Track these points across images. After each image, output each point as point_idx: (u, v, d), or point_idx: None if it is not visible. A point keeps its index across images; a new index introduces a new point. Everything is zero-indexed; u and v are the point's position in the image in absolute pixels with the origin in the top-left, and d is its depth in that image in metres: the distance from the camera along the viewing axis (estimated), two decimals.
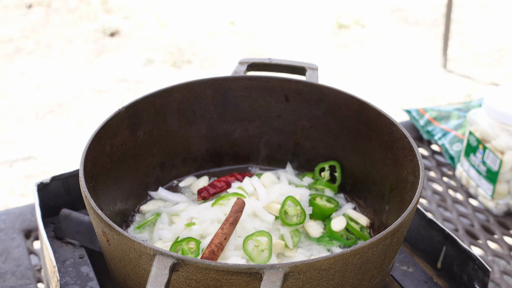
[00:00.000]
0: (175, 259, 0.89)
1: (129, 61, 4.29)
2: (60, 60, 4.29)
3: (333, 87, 1.34)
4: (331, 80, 4.06)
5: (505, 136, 1.68)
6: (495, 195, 1.73)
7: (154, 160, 1.36)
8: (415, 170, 1.14)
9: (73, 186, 1.37)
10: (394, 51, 4.46)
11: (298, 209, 1.26)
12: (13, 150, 3.38)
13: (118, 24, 4.79)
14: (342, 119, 1.35)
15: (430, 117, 2.05)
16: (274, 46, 4.52)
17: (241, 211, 1.17)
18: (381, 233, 0.96)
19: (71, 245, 1.28)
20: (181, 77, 4.11)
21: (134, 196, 1.33)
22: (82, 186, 1.06)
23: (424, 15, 4.96)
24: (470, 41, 4.57)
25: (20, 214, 1.64)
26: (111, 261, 1.05)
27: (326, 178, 1.39)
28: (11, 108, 3.75)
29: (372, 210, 1.31)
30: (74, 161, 3.29)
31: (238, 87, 1.39)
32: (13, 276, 1.46)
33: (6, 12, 4.94)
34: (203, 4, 5.15)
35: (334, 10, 5.04)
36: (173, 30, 4.74)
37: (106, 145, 1.22)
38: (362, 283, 1.00)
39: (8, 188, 3.10)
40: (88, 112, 3.72)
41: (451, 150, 1.93)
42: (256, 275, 0.89)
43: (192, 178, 1.42)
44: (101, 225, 1.00)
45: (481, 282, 1.17)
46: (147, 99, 1.30)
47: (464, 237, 1.67)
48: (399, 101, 3.86)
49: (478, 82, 4.06)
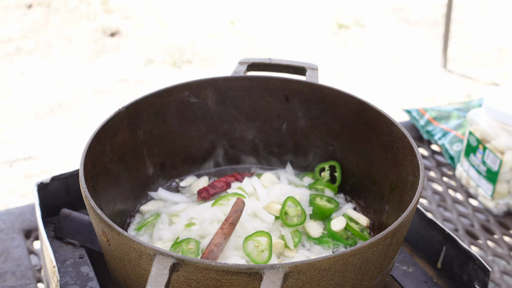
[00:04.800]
0: (175, 259, 0.89)
1: (129, 61, 4.29)
2: (60, 60, 4.29)
3: (333, 87, 1.34)
4: (331, 80, 4.06)
5: (505, 136, 1.68)
6: (495, 195, 1.73)
7: (154, 160, 1.36)
8: (415, 170, 1.14)
9: (73, 186, 1.37)
10: (394, 51, 4.46)
11: (298, 210, 1.26)
12: (13, 150, 3.38)
13: (118, 24, 4.79)
14: (342, 119, 1.35)
15: (430, 117, 2.05)
16: (274, 46, 4.52)
17: (241, 211, 1.17)
18: (381, 233, 0.96)
19: (71, 245, 1.28)
20: (181, 77, 4.11)
21: (134, 196, 1.33)
22: (82, 186, 1.06)
23: (424, 15, 4.96)
24: (470, 41, 4.57)
25: (20, 214, 1.64)
26: (111, 261, 1.05)
27: (326, 178, 1.39)
28: (11, 108, 3.75)
29: (372, 210, 1.31)
30: (74, 161, 3.28)
31: (238, 87, 1.39)
32: (13, 276, 1.46)
33: (6, 12, 4.94)
34: (203, 4, 5.15)
35: (334, 10, 5.04)
36: (173, 30, 4.74)
37: (106, 145, 1.22)
38: (362, 283, 1.00)
39: (8, 188, 3.10)
40: (88, 112, 3.72)
41: (451, 150, 1.93)
42: (256, 275, 0.89)
43: (192, 178, 1.42)
44: (101, 225, 1.00)
45: (481, 282, 1.17)
46: (147, 99, 1.30)
47: (464, 237, 1.67)
48: (399, 101, 3.86)
49: (478, 82, 4.06)
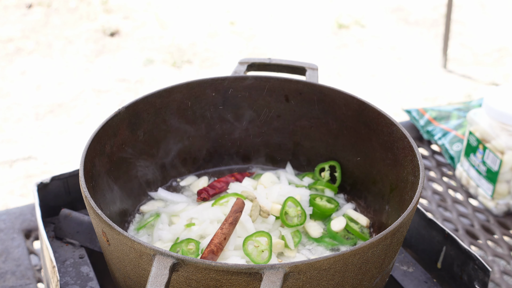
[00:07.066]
0: (175, 259, 0.89)
1: (129, 61, 4.29)
2: (60, 60, 4.29)
3: (333, 87, 1.34)
4: (331, 80, 4.06)
5: (505, 136, 1.68)
6: (495, 195, 1.73)
7: (154, 160, 1.36)
8: (415, 170, 1.14)
9: (73, 186, 1.37)
10: (394, 51, 4.46)
11: (298, 210, 1.26)
12: (13, 150, 3.38)
13: (118, 24, 4.79)
14: (342, 119, 1.34)
15: (430, 117, 2.05)
16: (274, 46, 4.52)
17: (240, 211, 1.17)
18: (381, 233, 0.96)
19: (71, 245, 1.28)
20: (181, 77, 4.11)
21: (134, 196, 1.33)
22: (82, 186, 1.06)
23: (424, 15, 4.96)
24: (470, 41, 4.57)
25: (20, 214, 1.64)
26: (111, 261, 1.05)
27: (326, 178, 1.39)
28: (11, 108, 3.75)
29: (372, 210, 1.31)
30: (74, 161, 3.28)
31: (238, 87, 1.39)
32: (13, 276, 1.46)
33: (6, 12, 4.94)
34: (203, 4, 5.15)
35: (334, 10, 5.04)
36: (173, 30, 4.74)
37: (106, 145, 1.22)
38: (362, 283, 1.00)
39: (8, 188, 3.10)
40: (88, 112, 3.72)
41: (451, 150, 1.93)
42: (256, 275, 0.89)
43: (193, 177, 1.42)
44: (101, 225, 1.00)
45: (481, 282, 1.17)
46: (147, 99, 1.30)
47: (464, 237, 1.67)
48: (399, 101, 3.86)
49: (478, 82, 4.06)
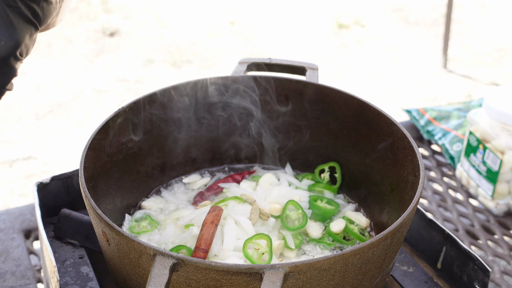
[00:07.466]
0: (175, 259, 0.89)
1: (129, 61, 4.29)
2: (60, 60, 4.29)
3: (333, 87, 1.34)
4: (331, 80, 4.06)
5: (505, 136, 1.68)
6: (495, 195, 1.73)
7: (154, 160, 1.36)
8: (415, 170, 1.13)
9: (73, 186, 1.37)
10: (394, 51, 4.45)
11: (299, 213, 1.25)
12: (13, 150, 3.38)
13: (118, 24, 4.79)
14: (342, 119, 1.34)
15: (430, 117, 2.04)
16: (274, 46, 4.51)
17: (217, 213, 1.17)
18: (381, 233, 0.96)
19: (71, 245, 1.28)
20: (181, 77, 4.10)
21: (134, 196, 1.33)
22: (82, 186, 1.06)
23: (424, 15, 4.96)
24: (470, 41, 4.57)
25: (20, 214, 1.63)
26: (111, 261, 1.05)
27: (326, 179, 1.38)
28: (11, 108, 3.75)
29: (372, 210, 1.31)
30: (74, 161, 3.28)
31: (238, 87, 1.39)
32: (13, 276, 1.46)
33: None
34: (203, 4, 5.15)
35: (334, 10, 5.04)
36: (173, 30, 4.74)
37: (106, 145, 1.22)
38: (362, 283, 1.00)
39: (8, 188, 3.10)
40: (88, 112, 3.72)
41: (451, 150, 1.93)
42: (256, 275, 0.89)
43: (196, 176, 1.42)
44: (101, 225, 1.00)
45: (481, 282, 1.17)
46: (147, 99, 1.30)
47: (464, 237, 1.67)
48: (399, 101, 3.86)
49: (478, 82, 4.06)
